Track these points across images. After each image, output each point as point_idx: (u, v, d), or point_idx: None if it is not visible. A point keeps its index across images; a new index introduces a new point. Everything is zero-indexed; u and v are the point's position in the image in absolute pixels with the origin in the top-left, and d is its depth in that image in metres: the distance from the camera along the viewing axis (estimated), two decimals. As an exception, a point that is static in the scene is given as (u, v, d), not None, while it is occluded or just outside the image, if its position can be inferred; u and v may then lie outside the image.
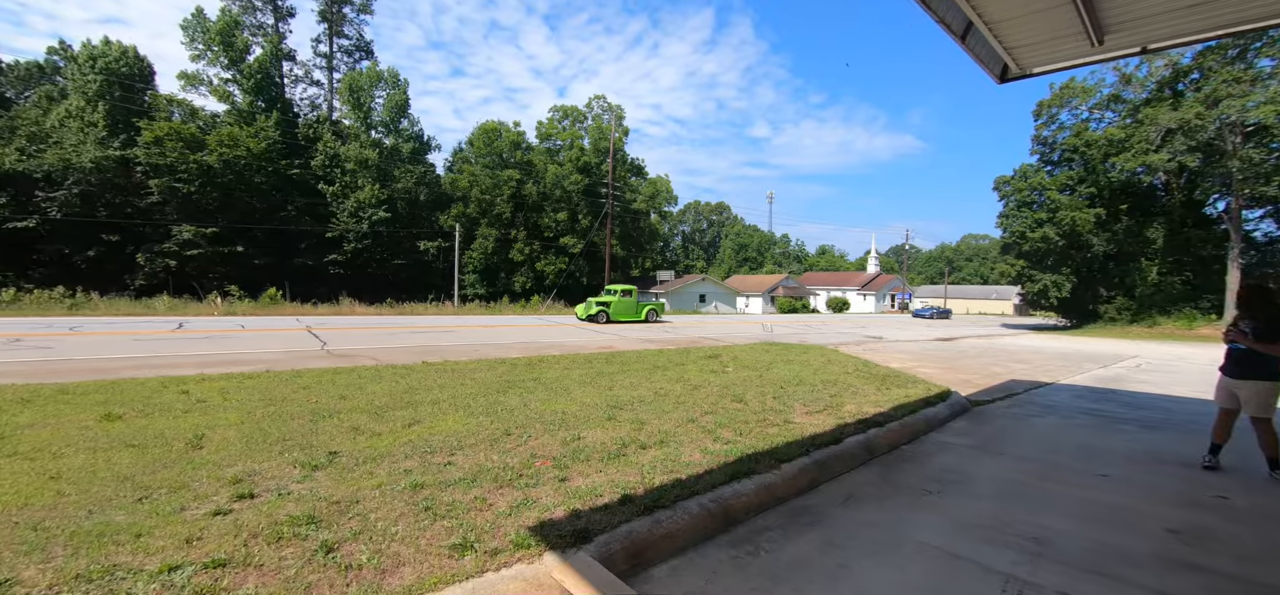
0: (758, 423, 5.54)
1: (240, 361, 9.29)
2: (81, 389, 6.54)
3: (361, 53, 46.77)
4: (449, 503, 3.27)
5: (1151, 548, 3.26)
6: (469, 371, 8.56)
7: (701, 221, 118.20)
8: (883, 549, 3.16)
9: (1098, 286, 33.35)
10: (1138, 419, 6.96)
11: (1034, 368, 12.60)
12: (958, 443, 5.60)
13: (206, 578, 2.41)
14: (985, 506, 3.86)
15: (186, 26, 37.18)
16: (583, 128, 51.19)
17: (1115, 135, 30.39)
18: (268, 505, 3.20)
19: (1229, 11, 5.30)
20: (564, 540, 2.82)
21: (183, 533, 2.83)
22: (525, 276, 46.33)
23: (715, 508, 3.43)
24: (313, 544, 2.73)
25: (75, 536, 2.79)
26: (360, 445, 4.48)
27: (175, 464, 3.96)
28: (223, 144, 34.18)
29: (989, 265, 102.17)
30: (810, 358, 11.52)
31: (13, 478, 3.64)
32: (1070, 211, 31.24)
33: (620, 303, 24.54)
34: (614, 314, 24.11)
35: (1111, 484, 4.37)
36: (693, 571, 2.86)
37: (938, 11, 5.66)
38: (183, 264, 35.36)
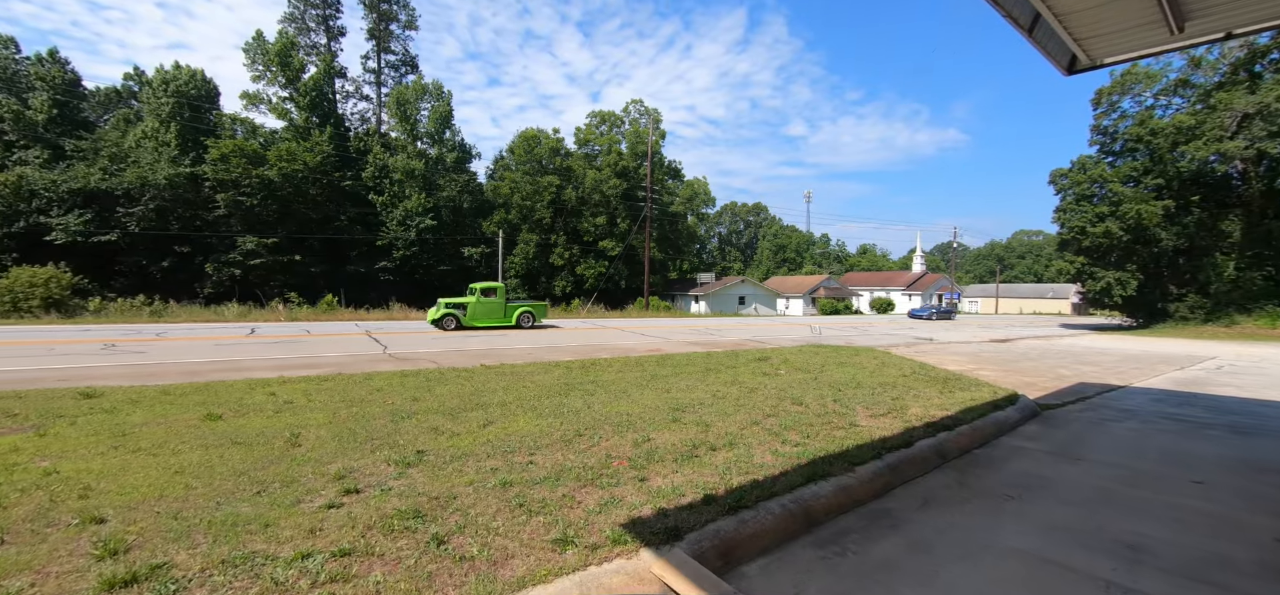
0: (822, 426, 5.53)
1: (312, 365, 9.84)
2: (180, 390, 7.10)
3: (407, 67, 48.66)
4: (540, 500, 3.44)
5: (1258, 556, 3.12)
6: (527, 374, 8.83)
7: (738, 223, 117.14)
8: (971, 553, 3.14)
9: (1166, 284, 31.35)
10: (1227, 424, 6.58)
11: (1103, 370, 12.01)
12: (1032, 447, 5.45)
13: (336, 565, 2.63)
14: (1072, 512, 3.77)
15: (248, 49, 39.61)
16: (620, 132, 51.65)
17: (1184, 122, 28.53)
18: (374, 500, 3.44)
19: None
20: (657, 537, 2.94)
21: (305, 524, 3.08)
22: (565, 280, 47.03)
23: (796, 508, 3.48)
24: (424, 536, 2.93)
25: (211, 525, 3.08)
26: (443, 444, 4.72)
27: (280, 460, 4.28)
28: (282, 159, 36.12)
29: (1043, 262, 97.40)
30: (863, 360, 11.33)
31: (144, 471, 4.02)
32: (1135, 204, 29.49)
33: (481, 304, 19.79)
34: (471, 317, 19.47)
35: (1207, 491, 4.18)
36: (784, 570, 2.92)
37: (1005, 6, 5.55)
38: (246, 273, 37.49)
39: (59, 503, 3.39)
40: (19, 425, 5.34)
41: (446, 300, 19.61)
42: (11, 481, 3.76)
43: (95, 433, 5.06)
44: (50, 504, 3.36)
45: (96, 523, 3.11)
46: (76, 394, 6.70)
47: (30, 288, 19.52)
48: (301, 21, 44.26)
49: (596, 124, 52.99)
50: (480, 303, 19.77)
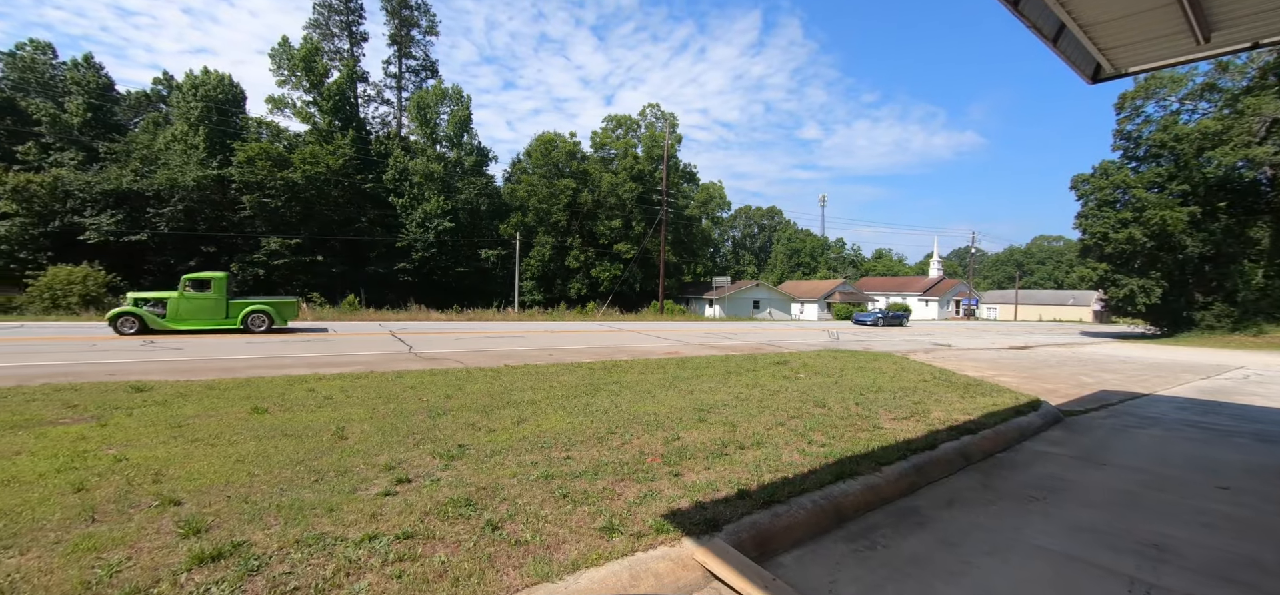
0: (846, 427, 5.65)
1: (343, 363, 10.16)
2: (224, 386, 7.41)
3: (427, 72, 49.48)
4: (582, 492, 3.62)
5: (1276, 559, 3.20)
6: (552, 374, 9.04)
7: (752, 226, 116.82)
8: (999, 550, 3.26)
9: (1192, 292, 30.73)
10: (1253, 432, 6.57)
11: (1126, 378, 11.91)
12: (1056, 452, 5.51)
13: (402, 546, 2.83)
14: (1096, 514, 3.86)
15: (274, 55, 40.64)
16: (636, 136, 51.95)
17: (1211, 127, 28.01)
18: (426, 489, 3.64)
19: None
20: (697, 527, 3.10)
21: (366, 509, 3.30)
22: (580, 283, 47.37)
23: (826, 504, 3.62)
24: (479, 522, 3.12)
25: (280, 509, 3.30)
26: (481, 439, 4.93)
27: (331, 452, 4.51)
28: (305, 162, 36.94)
29: (1064, 269, 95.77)
30: (882, 365, 11.37)
31: (206, 459, 4.27)
32: (1159, 211, 28.99)
33: (187, 301, 15.45)
34: (174, 317, 15.23)
35: (1233, 496, 4.24)
36: (817, 561, 3.07)
37: (1029, 17, 5.64)
38: (270, 273, 38.37)
39: (136, 486, 3.64)
40: (80, 415, 5.65)
41: (136, 295, 15.17)
42: (88, 467, 4.03)
43: (152, 423, 5.35)
44: (128, 487, 3.61)
45: (174, 504, 3.35)
46: (128, 387, 7.04)
47: (68, 285, 20.27)
48: (325, 27, 45.28)
49: (612, 128, 53.35)
50: (186, 299, 15.38)
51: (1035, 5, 5.52)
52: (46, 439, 4.79)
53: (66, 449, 4.48)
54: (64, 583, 2.49)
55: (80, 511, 3.20)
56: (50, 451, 4.40)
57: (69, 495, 3.47)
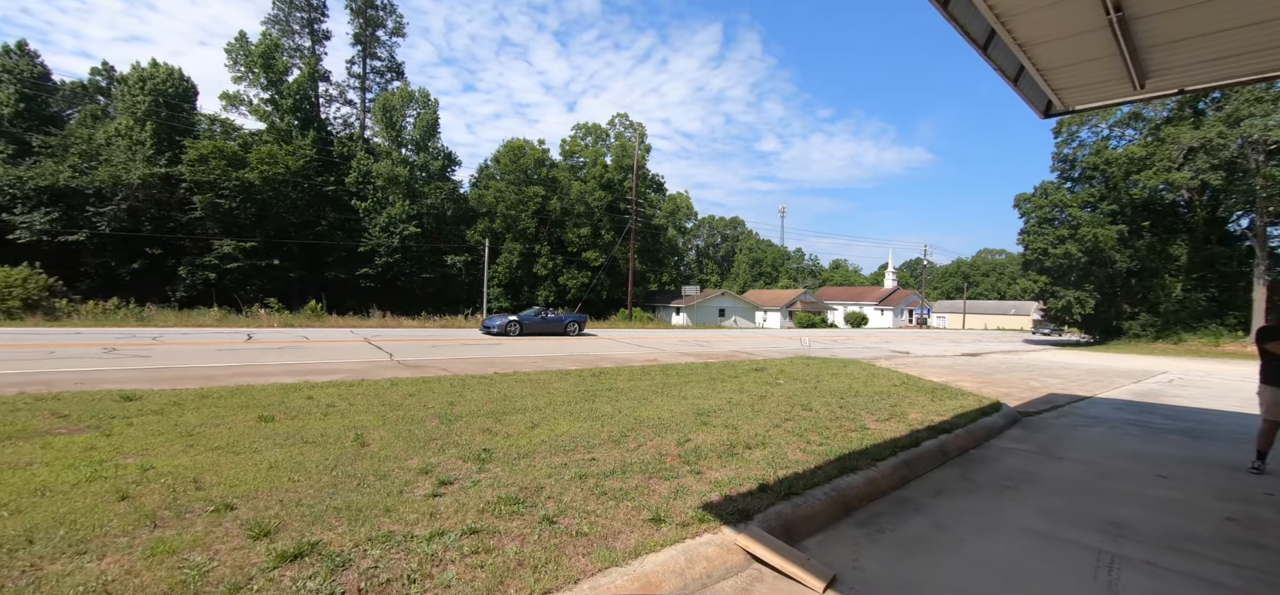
0: (837, 428, 6.14)
1: (329, 371, 10.05)
2: (217, 394, 7.30)
3: (392, 73, 48.43)
4: (619, 489, 3.92)
5: (1214, 531, 3.82)
6: (545, 382, 9.24)
7: (716, 236, 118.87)
8: (986, 530, 3.76)
9: (1121, 303, 33.44)
10: (1181, 429, 7.46)
11: (1068, 382, 13.03)
12: (1019, 448, 6.16)
13: (471, 541, 3.07)
14: (1061, 500, 4.44)
15: (230, 50, 38.92)
16: (605, 145, 52.32)
17: (1137, 153, 30.71)
18: (471, 490, 3.87)
19: (1257, 62, 5.92)
20: (732, 517, 3.46)
21: (422, 509, 3.50)
22: (548, 290, 47.22)
23: (836, 496, 4.05)
24: (534, 518, 3.39)
25: (337, 511, 3.47)
26: (503, 444, 5.15)
27: (359, 458, 4.64)
28: (263, 162, 35.55)
29: (1006, 280, 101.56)
30: (853, 371, 12.07)
31: (237, 467, 4.34)
32: (1092, 228, 31.50)
33: None
34: None
35: (1170, 483, 4.92)
36: (837, 544, 3.48)
37: (995, 59, 6.32)
38: (222, 277, 36.62)
39: (180, 493, 3.71)
40: (76, 425, 5.54)
41: None
42: (118, 476, 4.05)
43: (159, 433, 5.31)
44: (173, 494, 3.68)
45: (227, 509, 3.46)
46: (117, 397, 6.86)
47: (7, 288, 18.91)
48: (286, 23, 43.75)
49: (581, 136, 53.57)
50: None
51: (1001, 50, 6.17)
52: (53, 449, 4.73)
53: (80, 458, 4.45)
54: (156, 583, 2.62)
55: (137, 518, 3.28)
56: (65, 462, 4.36)
57: (114, 503, 3.52)
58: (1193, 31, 5.37)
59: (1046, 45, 5.97)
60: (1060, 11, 5.20)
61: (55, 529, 3.11)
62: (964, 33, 5.58)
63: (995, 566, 3.19)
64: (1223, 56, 5.87)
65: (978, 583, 3.00)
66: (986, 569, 3.16)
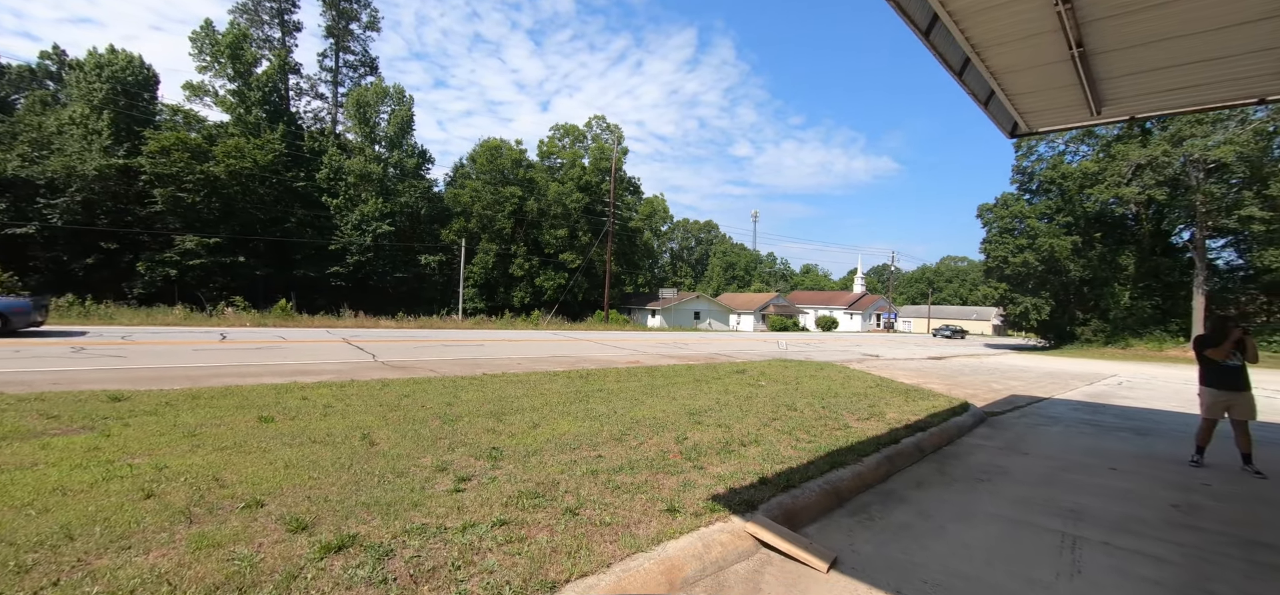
0: (822, 427, 6.53)
1: (313, 371, 9.99)
2: (208, 395, 7.25)
3: (366, 68, 47.51)
4: (630, 483, 4.18)
5: (1160, 516, 4.30)
6: (535, 383, 9.41)
7: (690, 239, 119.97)
8: (963, 517, 4.15)
9: (1074, 309, 35.32)
10: (1130, 427, 8.12)
11: (1027, 384, 13.84)
12: (987, 445, 6.66)
13: (503, 532, 3.27)
14: (1027, 490, 4.89)
15: (195, 38, 37.52)
16: (583, 146, 52.41)
17: (1089, 168, 32.53)
18: (491, 486, 4.06)
19: (1198, 94, 6.56)
20: (739, 508, 3.76)
21: (448, 504, 3.69)
22: (524, 291, 47.01)
23: (828, 488, 4.39)
24: (557, 510, 3.61)
25: (367, 507, 3.62)
26: (509, 442, 5.33)
27: (372, 457, 4.77)
28: (230, 155, 34.44)
29: (968, 286, 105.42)
30: (830, 373, 12.58)
31: (253, 466, 4.42)
32: (1049, 239, 33.21)
33: None
34: None
35: (1120, 475, 5.44)
36: (833, 530, 3.81)
37: (969, 84, 6.81)
38: (184, 273, 35.33)
39: (205, 491, 3.80)
40: (69, 426, 5.49)
41: None
42: (135, 475, 4.09)
43: (160, 433, 5.32)
44: (199, 492, 3.76)
45: (258, 505, 3.57)
46: (103, 397, 6.75)
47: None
48: (254, 13, 42.45)
49: (559, 137, 53.52)
50: None
51: (974, 76, 6.66)
52: (54, 450, 4.71)
53: (87, 459, 4.45)
54: (210, 575, 2.75)
55: (170, 515, 3.37)
56: (72, 462, 4.36)
57: (140, 500, 3.59)
58: (1143, 67, 5.93)
59: (1015, 74, 6.47)
60: (1029, 45, 5.68)
61: (90, 526, 3.19)
62: (942, 59, 6.02)
63: (975, 548, 3.57)
64: (1168, 89, 6.48)
65: (961, 562, 3.36)
66: (968, 550, 3.53)
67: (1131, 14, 4.96)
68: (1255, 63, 5.69)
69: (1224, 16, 4.86)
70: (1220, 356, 5.74)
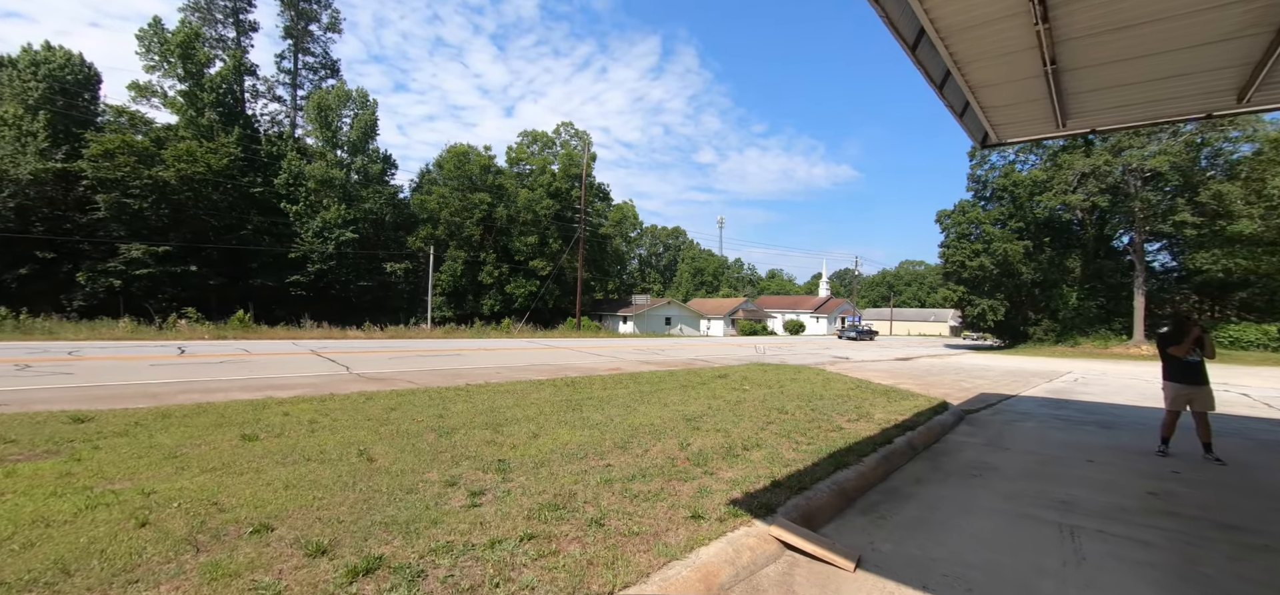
0: (816, 430, 6.67)
1: (287, 386, 9.58)
2: (180, 413, 6.87)
3: (327, 71, 45.97)
4: (648, 492, 4.17)
5: (1141, 503, 4.58)
6: (522, 392, 9.29)
7: (658, 245, 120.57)
8: (967, 512, 4.32)
9: (1026, 310, 37.17)
10: (1095, 421, 8.61)
11: (993, 382, 14.47)
12: (972, 442, 6.94)
13: (531, 546, 3.22)
14: (1018, 484, 5.12)
15: (143, 36, 35.48)
16: (552, 153, 52.12)
17: (1038, 176, 34.39)
18: (508, 500, 3.99)
19: (1152, 109, 7.04)
20: (759, 511, 3.81)
21: (468, 520, 3.60)
22: (494, 299, 46.28)
23: (836, 489, 4.50)
24: (582, 521, 3.58)
25: (385, 526, 3.49)
26: (514, 454, 5.25)
27: (374, 474, 4.61)
28: (181, 159, 32.74)
29: (927, 289, 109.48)
30: (809, 376, 12.86)
31: (250, 488, 4.21)
32: (1003, 243, 34.90)
33: None
34: None
35: (1098, 467, 5.76)
36: (849, 530, 3.91)
37: (947, 97, 7.11)
38: (129, 284, 33.31)
39: (205, 516, 3.59)
40: (32, 451, 5.12)
41: None
42: (121, 501, 3.85)
43: (137, 455, 5.01)
44: (199, 518, 3.56)
45: (267, 529, 3.41)
46: (65, 418, 6.32)
47: None
48: (207, 12, 40.53)
49: (527, 143, 53.07)
50: None
51: (953, 89, 6.96)
52: (20, 477, 4.38)
53: (61, 486, 4.15)
54: (232, 602, 2.62)
55: (173, 543, 3.18)
56: (45, 490, 4.06)
57: (135, 529, 3.37)
58: (1106, 84, 6.33)
59: (990, 88, 6.80)
60: (1006, 61, 5.99)
61: (86, 559, 2.98)
62: (925, 73, 6.26)
63: (986, 541, 3.73)
64: (1127, 104, 6.93)
65: (975, 555, 3.50)
66: (979, 543, 3.68)
67: (1101, 35, 5.30)
68: (1204, 81, 6.15)
69: (1181, 40, 5.25)
70: (1181, 353, 6.16)
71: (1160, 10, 4.80)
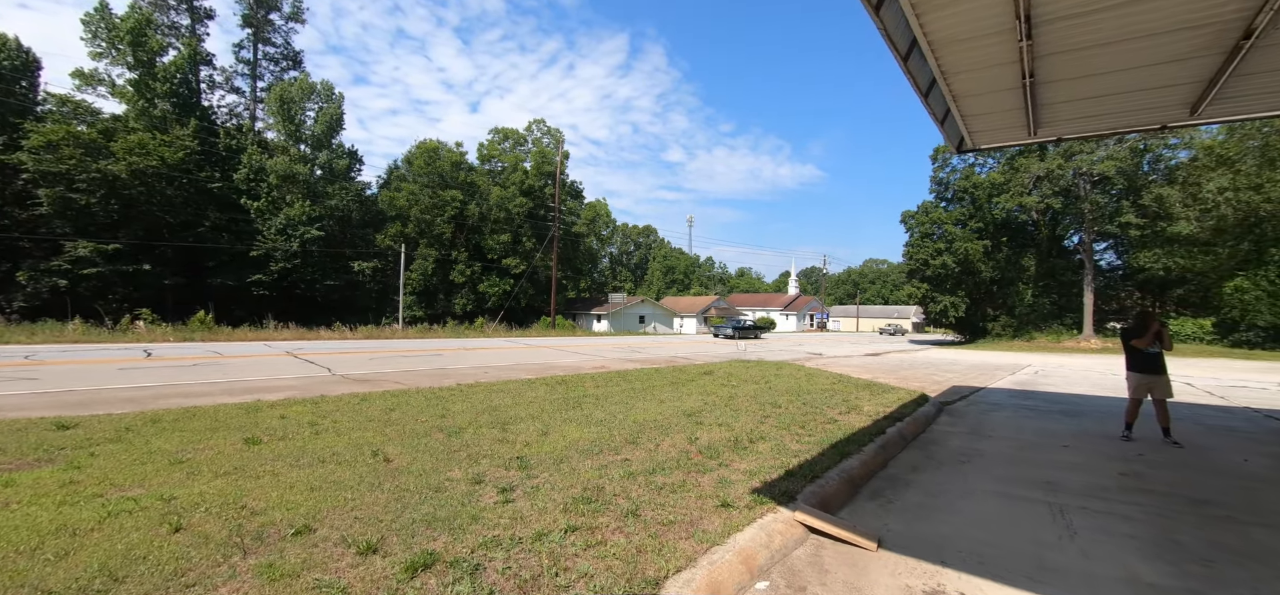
0: (813, 422, 6.97)
1: (271, 388, 9.36)
2: (170, 418, 6.66)
3: (289, 62, 44.26)
4: (671, 483, 4.34)
5: (1114, 483, 5.02)
6: (517, 390, 9.33)
7: (629, 244, 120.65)
8: (965, 495, 4.65)
9: (985, 307, 38.95)
10: (1060, 410, 9.22)
11: (961, 375, 15.20)
12: (955, 431, 7.37)
13: (577, 538, 3.34)
14: (1004, 468, 5.51)
15: (88, 21, 33.38)
16: (524, 150, 51.63)
17: (996, 179, 36.09)
18: (539, 495, 4.09)
19: (1115, 120, 7.59)
20: (781, 499, 4.03)
21: (507, 514, 3.70)
22: (466, 298, 45.59)
23: (844, 477, 4.77)
24: (618, 512, 3.73)
25: (428, 523, 3.53)
26: (529, 452, 5.34)
27: (396, 474, 4.62)
28: (132, 152, 31.07)
29: (889, 287, 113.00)
30: (792, 372, 13.26)
31: (275, 492, 4.16)
32: (964, 243, 36.47)
33: None
34: None
35: (1072, 452, 6.24)
36: (862, 514, 4.17)
37: (931, 105, 7.49)
38: (75, 284, 31.46)
39: (241, 520, 3.57)
40: (24, 461, 4.94)
41: None
42: (142, 508, 3.78)
43: (138, 462, 4.90)
44: (234, 523, 3.52)
45: (308, 531, 3.42)
46: (48, 425, 6.07)
47: None
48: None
49: (499, 140, 52.42)
50: None
51: (936, 97, 7.34)
52: (21, 487, 4.24)
53: (72, 495, 4.03)
54: (301, 601, 2.66)
55: (218, 547, 3.17)
56: (55, 499, 3.94)
57: (170, 535, 3.34)
58: (1076, 96, 6.81)
59: (971, 97, 7.21)
60: (989, 73, 6.38)
61: (131, 566, 2.96)
62: (913, 82, 6.61)
63: (987, 520, 4.04)
64: (1093, 115, 7.46)
65: (979, 532, 3.81)
66: (982, 522, 4.00)
67: (1076, 52, 5.73)
68: (1161, 96, 6.69)
69: (1145, 58, 5.72)
70: (1143, 345, 6.70)
71: (1129, 30, 5.23)
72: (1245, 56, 5.47)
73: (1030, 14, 5.12)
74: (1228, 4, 4.93)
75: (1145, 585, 3.18)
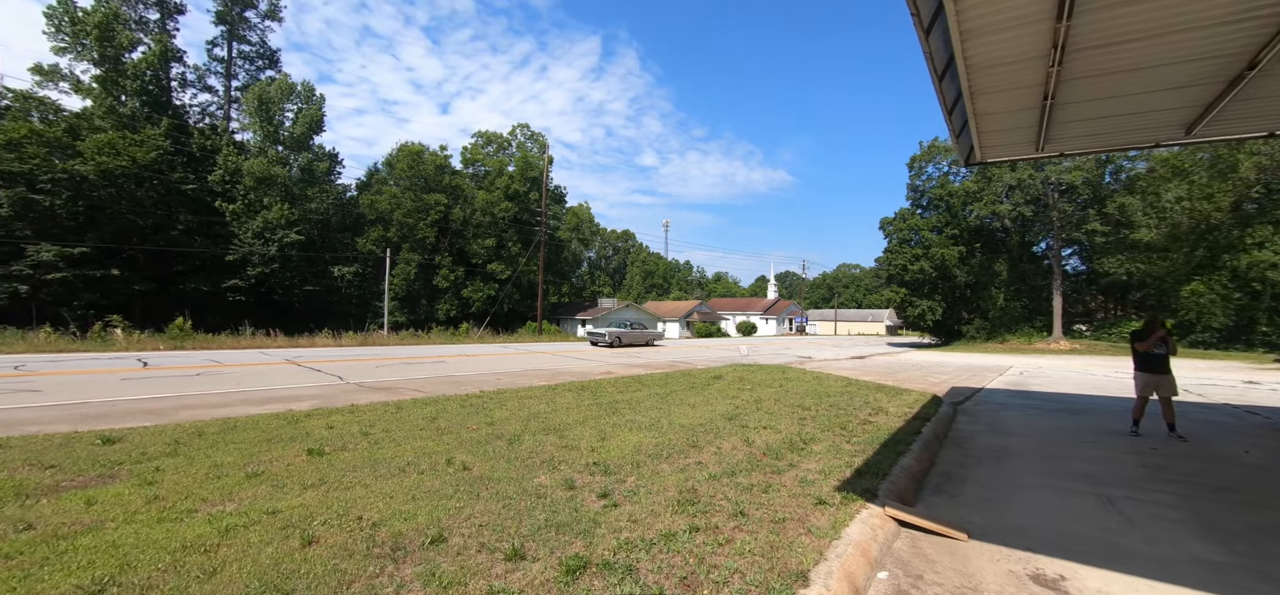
0: (852, 424, 7.31)
1: (292, 397, 9.25)
2: (214, 431, 6.58)
3: (265, 61, 42.96)
4: (755, 484, 4.58)
5: (1141, 475, 5.47)
6: (546, 397, 9.44)
7: (608, 248, 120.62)
8: (1018, 488, 5.02)
9: (960, 310, 40.47)
10: (1062, 409, 9.82)
11: (953, 376, 15.88)
12: (977, 429, 7.81)
13: (703, 537, 3.52)
14: (1040, 463, 5.93)
15: (51, 15, 31.80)
16: (508, 154, 51.28)
17: (970, 188, 37.62)
18: (639, 499, 4.27)
19: (1114, 138, 8.19)
20: (864, 495, 4.31)
21: (621, 518, 3.86)
22: (450, 303, 44.97)
23: (907, 474, 5.09)
24: (726, 512, 3.94)
25: (555, 530, 3.61)
26: (600, 457, 5.49)
27: (487, 483, 4.68)
28: (101, 151, 29.74)
29: (863, 291, 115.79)
30: (800, 375, 13.67)
31: (382, 504, 4.13)
32: (940, 248, 37.88)
33: None
34: None
35: (1094, 446, 6.72)
36: (934, 508, 4.49)
37: (952, 119, 7.96)
38: (37, 290, 29.90)
39: (364, 533, 3.61)
40: (87, 477, 4.85)
41: None
42: (256, 522, 3.79)
43: (210, 477, 4.83)
44: (360, 534, 3.56)
45: (442, 541, 3.47)
46: (93, 440, 5.94)
47: None
48: (125, -8, 36.94)
49: (482, 144, 51.98)
50: None
51: (959, 112, 7.81)
52: (103, 505, 4.16)
53: (163, 512, 3.94)
54: (472, 599, 2.79)
55: (365, 559, 3.21)
56: (153, 515, 3.89)
57: (304, 548, 3.37)
58: (1086, 116, 7.34)
59: (991, 115, 7.69)
60: (1014, 94, 6.84)
61: (291, 579, 2.99)
62: (941, 98, 7.03)
63: (1050, 511, 4.41)
64: (1096, 133, 8.02)
65: (1053, 522, 4.16)
66: (1047, 513, 4.36)
67: (1096, 78, 6.22)
68: (1164, 118, 7.27)
69: (1158, 83, 6.25)
70: (1146, 347, 7.26)
71: (1147, 60, 5.73)
72: (1247, 84, 6.04)
73: (1065, 44, 5.56)
74: (1236, 38, 5.46)
75: (1207, 563, 3.57)
